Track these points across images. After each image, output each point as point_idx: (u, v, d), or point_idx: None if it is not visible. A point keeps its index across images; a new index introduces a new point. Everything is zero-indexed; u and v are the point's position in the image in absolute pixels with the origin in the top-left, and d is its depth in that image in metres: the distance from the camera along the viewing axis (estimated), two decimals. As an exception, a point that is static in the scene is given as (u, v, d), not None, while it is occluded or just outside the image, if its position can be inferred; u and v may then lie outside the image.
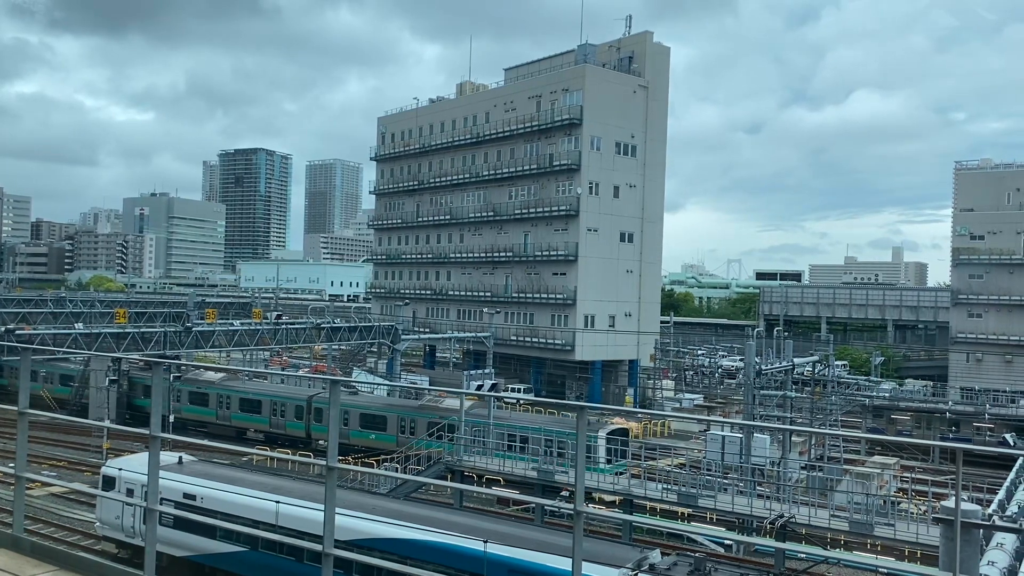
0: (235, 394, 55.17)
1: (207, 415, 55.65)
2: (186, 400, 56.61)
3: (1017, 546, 13.78)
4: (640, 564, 20.63)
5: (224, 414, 55.24)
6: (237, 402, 54.84)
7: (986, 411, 57.28)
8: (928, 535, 24.77)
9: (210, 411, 55.61)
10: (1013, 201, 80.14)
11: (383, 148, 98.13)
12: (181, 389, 56.58)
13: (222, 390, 55.84)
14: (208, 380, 57.05)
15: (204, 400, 56.04)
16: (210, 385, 56.47)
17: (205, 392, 56.20)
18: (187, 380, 57.33)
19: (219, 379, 56.70)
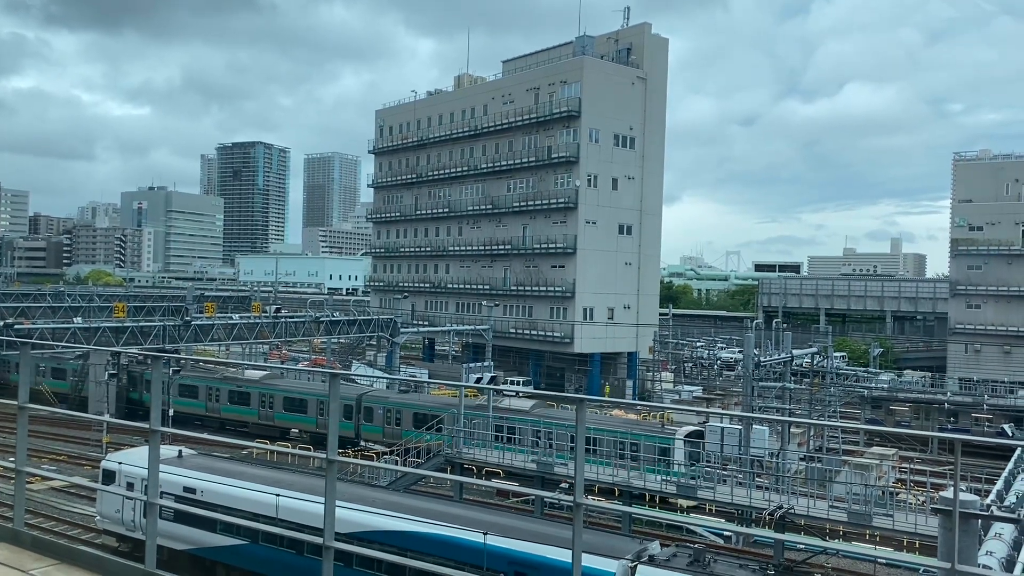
0: (279, 393, 53.38)
1: (249, 415, 54.23)
2: (226, 400, 55.25)
3: (1015, 536, 13.82)
4: (640, 555, 20.68)
5: (267, 414, 53.57)
6: (281, 401, 53.06)
7: (984, 402, 57.40)
8: (927, 526, 24.83)
9: (252, 411, 54.12)
10: (1012, 192, 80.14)
11: (381, 141, 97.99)
12: (220, 388, 55.47)
13: (265, 389, 54.09)
14: (250, 379, 55.61)
15: (246, 399, 54.51)
16: (252, 384, 54.89)
17: (247, 391, 54.60)
18: (228, 379, 56.18)
19: (261, 377, 55.20)
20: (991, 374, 71.73)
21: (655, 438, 36.82)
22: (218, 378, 56.82)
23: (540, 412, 42.20)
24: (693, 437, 38.27)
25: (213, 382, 56.46)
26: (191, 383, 57.02)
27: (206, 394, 56.22)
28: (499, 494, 39.80)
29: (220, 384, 55.98)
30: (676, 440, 37.56)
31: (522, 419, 38.39)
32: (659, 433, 38.30)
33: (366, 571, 22.99)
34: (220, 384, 55.98)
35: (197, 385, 56.80)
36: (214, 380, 56.66)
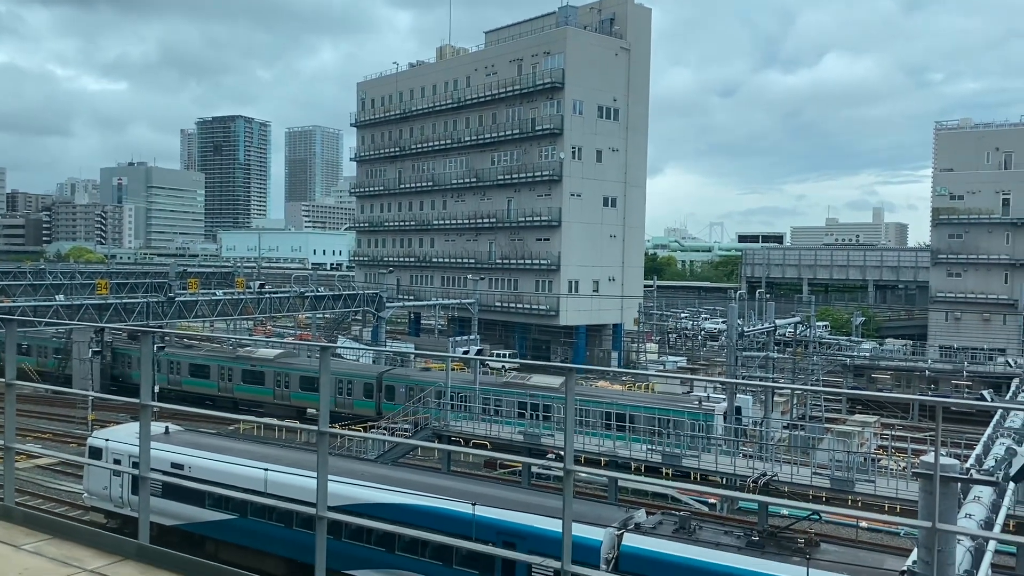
0: (295, 372, 51.80)
1: (263, 394, 52.58)
2: (239, 379, 53.93)
3: (994, 499, 14.11)
4: (626, 523, 20.95)
5: (282, 393, 51.99)
6: (297, 380, 51.45)
7: (964, 369, 58.18)
8: (908, 490, 25.29)
9: (267, 390, 52.57)
10: (992, 160, 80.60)
11: (363, 114, 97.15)
12: (234, 368, 54.14)
13: (280, 368, 52.55)
14: (264, 358, 53.90)
15: (260, 379, 53.07)
16: (267, 363, 53.28)
17: (261, 370, 53.06)
18: (241, 358, 54.62)
19: (276, 356, 53.68)
20: (971, 342, 72.65)
21: (694, 414, 35.76)
22: (231, 357, 55.28)
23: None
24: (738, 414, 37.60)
25: (225, 361, 54.97)
26: (203, 362, 55.73)
27: (218, 374, 54.79)
28: (486, 465, 40.10)
29: (233, 363, 54.38)
30: (716, 416, 36.71)
31: (553, 396, 37.48)
32: (697, 409, 37.24)
33: (355, 543, 23.18)
34: (233, 363, 54.38)
35: (209, 365, 55.43)
36: (226, 359, 55.15)
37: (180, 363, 56.71)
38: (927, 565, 6.74)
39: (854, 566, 18.03)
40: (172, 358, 57.40)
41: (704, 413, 36.64)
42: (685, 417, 35.81)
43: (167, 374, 56.73)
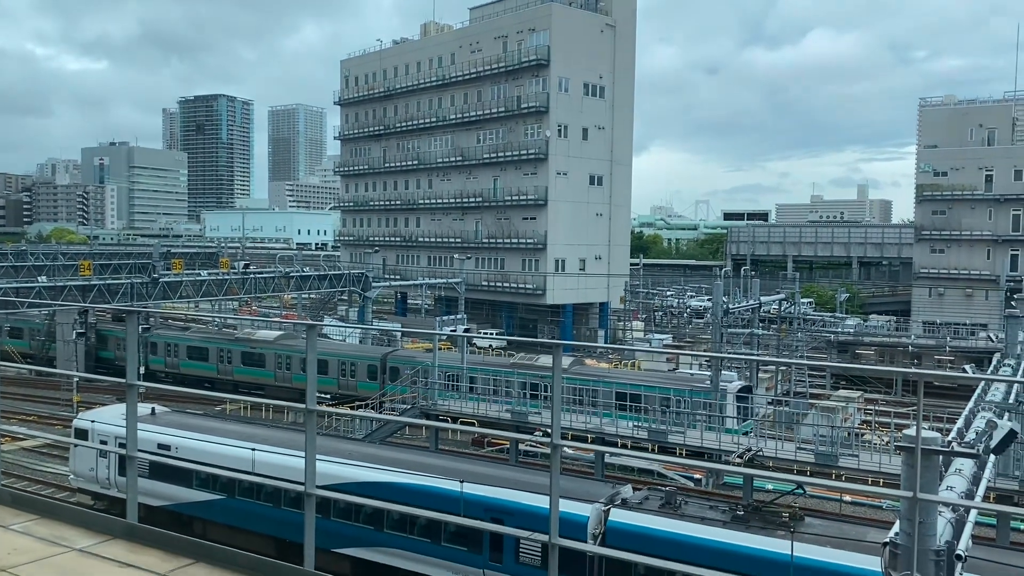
0: (296, 354, 50.68)
1: (264, 377, 51.65)
2: (239, 362, 53.07)
3: (974, 471, 14.31)
4: (613, 499, 21.13)
5: (284, 375, 51.09)
6: (299, 362, 50.29)
7: (947, 344, 58.74)
8: (891, 464, 25.61)
9: (268, 373, 51.64)
10: (976, 137, 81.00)
11: (347, 92, 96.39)
12: (233, 350, 53.24)
13: (281, 350, 51.48)
14: (263, 340, 52.83)
15: (260, 361, 52.08)
16: (267, 345, 52.21)
17: (261, 352, 52.07)
18: (240, 340, 53.74)
19: (276, 338, 52.81)
20: (954, 317, 73.33)
21: (706, 394, 35.20)
22: (230, 339, 54.48)
23: (577, 370, 40.73)
24: (743, 392, 37.33)
25: (224, 343, 54.13)
26: (201, 345, 54.88)
27: (217, 356, 54.02)
28: (474, 443, 40.29)
29: (232, 345, 53.57)
30: (728, 395, 36.14)
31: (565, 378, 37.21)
32: (710, 388, 36.71)
33: (343, 522, 23.29)
34: (232, 345, 53.57)
35: (207, 347, 54.58)
36: (225, 342, 54.31)
37: (177, 345, 55.85)
38: (909, 536, 6.83)
39: (838, 539, 18.28)
40: (169, 340, 56.67)
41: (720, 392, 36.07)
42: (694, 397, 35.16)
43: (164, 357, 56.05)
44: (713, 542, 18.78)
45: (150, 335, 57.34)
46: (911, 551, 6.32)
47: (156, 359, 56.34)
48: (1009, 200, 76.40)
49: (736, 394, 36.58)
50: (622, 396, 34.39)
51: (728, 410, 34.62)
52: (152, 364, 56.20)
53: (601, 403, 33.47)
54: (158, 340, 56.86)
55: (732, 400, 35.79)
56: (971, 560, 11.25)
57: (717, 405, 33.75)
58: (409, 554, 22.48)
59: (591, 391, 34.49)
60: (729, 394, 36.21)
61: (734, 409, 34.94)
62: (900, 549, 7.20)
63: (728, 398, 35.80)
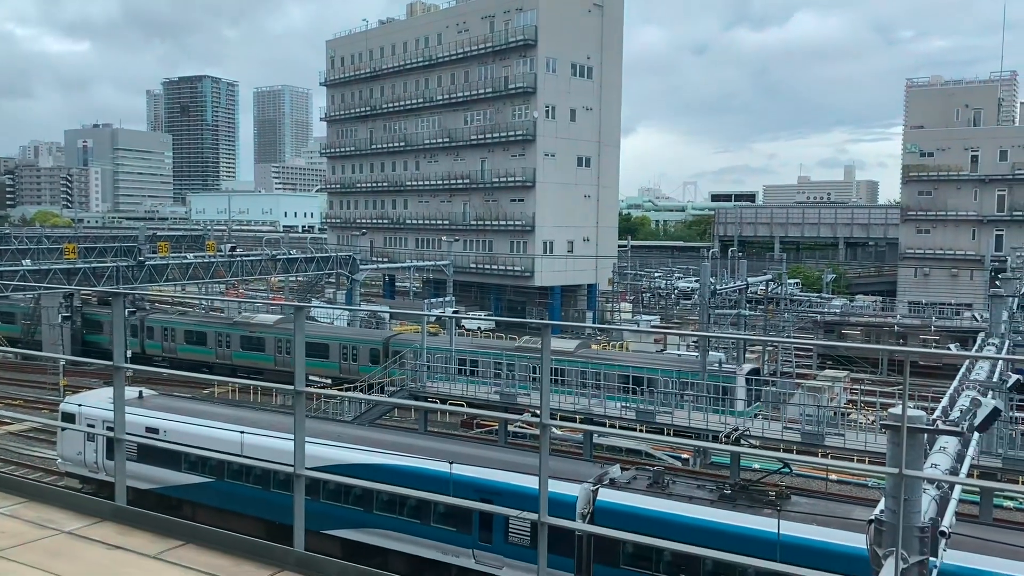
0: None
1: (264, 361, 51.02)
2: (238, 346, 52.48)
3: (959, 449, 14.45)
4: (601, 479, 21.26)
5: (284, 359, 50.23)
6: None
7: (932, 324, 59.18)
8: (876, 443, 25.86)
9: (267, 357, 50.98)
10: (962, 117, 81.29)
11: (333, 73, 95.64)
12: (232, 334, 52.53)
13: (281, 334, 50.80)
14: (263, 324, 52.04)
15: (259, 345, 51.30)
16: (266, 329, 51.44)
17: (260, 336, 51.28)
18: (239, 324, 53.09)
19: (275, 322, 52.06)
20: (939, 297, 73.88)
21: (716, 377, 34.69)
22: (228, 323, 53.90)
23: (583, 353, 40.26)
24: (752, 375, 36.92)
25: (223, 328, 53.46)
26: (198, 329, 54.23)
27: (215, 340, 53.33)
28: (463, 425, 40.41)
29: (231, 329, 52.86)
30: (737, 378, 35.73)
31: (568, 361, 36.92)
32: (719, 372, 36.23)
33: (333, 503, 23.33)
34: (231, 329, 52.86)
35: (205, 331, 53.94)
36: (224, 326, 53.66)
37: (175, 330, 55.09)
38: (894, 513, 6.90)
39: (824, 516, 18.47)
40: (166, 325, 55.94)
41: (725, 376, 35.74)
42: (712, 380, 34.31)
43: (160, 341, 55.38)
44: (700, 521, 18.94)
45: (147, 319, 56.69)
46: (896, 528, 6.39)
47: (153, 344, 55.70)
48: (994, 180, 76.82)
49: (746, 376, 36.17)
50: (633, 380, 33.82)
51: (738, 393, 34.22)
52: (149, 349, 55.66)
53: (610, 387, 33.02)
54: (155, 324, 56.16)
55: (742, 383, 35.36)
56: (955, 536, 11.40)
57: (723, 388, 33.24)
58: (399, 535, 22.58)
59: (598, 375, 34.12)
60: (739, 376, 35.78)
61: (744, 392, 34.52)
62: (885, 526, 7.28)
63: (738, 380, 35.36)
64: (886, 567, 6.16)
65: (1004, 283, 35.24)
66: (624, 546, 19.67)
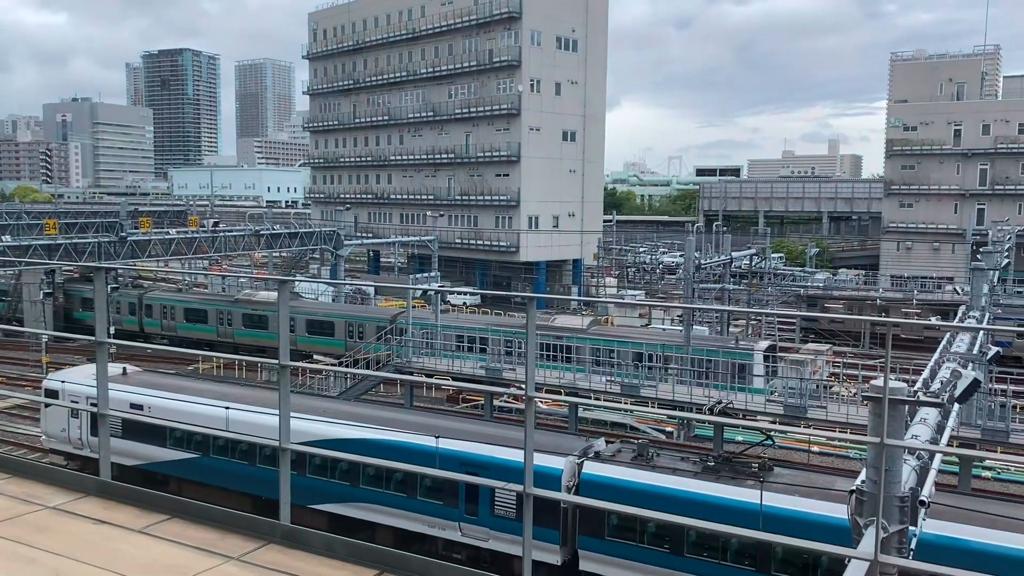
0: (302, 316, 49.13)
1: (267, 339, 49.67)
2: (240, 324, 51.51)
3: (939, 420, 14.65)
4: (586, 452, 21.42)
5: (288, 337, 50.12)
6: (304, 324, 48.84)
7: (914, 297, 59.67)
8: (858, 415, 26.17)
9: (272, 335, 49.56)
10: (946, 91, 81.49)
11: (315, 45, 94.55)
12: (233, 312, 51.71)
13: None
14: (266, 301, 50.97)
15: (262, 323, 50.34)
16: (269, 307, 50.49)
17: (263, 314, 50.38)
18: (241, 302, 52.12)
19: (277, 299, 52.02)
20: (921, 270, 74.46)
21: (733, 354, 34.26)
22: (229, 301, 53.13)
23: (598, 331, 39.61)
24: (770, 352, 36.39)
25: (224, 305, 52.76)
26: (199, 307, 53.48)
27: (216, 318, 52.57)
28: (449, 400, 40.54)
29: (232, 307, 52.10)
30: (756, 355, 35.01)
31: (580, 338, 36.59)
32: (736, 349, 35.68)
33: (319, 478, 23.40)
34: (232, 307, 52.10)
35: (206, 309, 53.15)
36: (225, 303, 52.93)
37: (174, 308, 54.26)
38: (875, 483, 6.99)
39: (806, 487, 18.71)
40: (165, 302, 55.08)
41: (743, 353, 35.19)
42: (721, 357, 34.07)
43: (159, 319, 54.53)
44: (684, 492, 19.15)
45: (145, 297, 55.80)
46: (877, 497, 6.47)
47: (151, 322, 54.74)
48: (977, 154, 77.21)
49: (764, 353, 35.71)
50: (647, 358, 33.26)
51: (757, 370, 33.70)
52: (147, 327, 54.78)
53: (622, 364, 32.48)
54: (153, 302, 55.25)
55: (760, 360, 34.75)
56: (934, 505, 11.58)
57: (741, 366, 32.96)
58: (385, 509, 22.69)
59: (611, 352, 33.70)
60: (757, 353, 35.25)
61: (762, 369, 33.95)
62: (866, 496, 7.37)
63: (756, 357, 34.76)
64: (866, 536, 6.25)
65: (985, 256, 35.54)
66: (609, 517, 19.87)
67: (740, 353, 35.02)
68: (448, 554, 21.67)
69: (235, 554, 5.00)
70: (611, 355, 33.33)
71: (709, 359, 32.26)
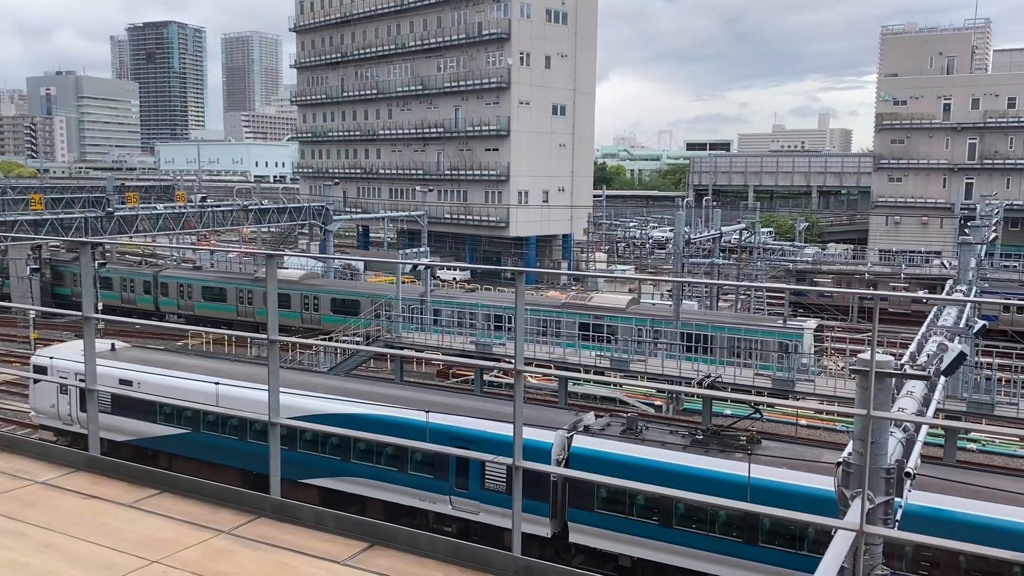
0: (325, 294, 48.72)
1: (290, 318, 48.95)
2: (260, 302, 50.35)
3: (925, 393, 14.77)
4: (576, 426, 21.54)
5: (312, 317, 48.79)
6: (328, 303, 48.26)
7: (902, 271, 59.99)
8: (845, 388, 26.38)
9: (294, 314, 49.12)
10: (936, 65, 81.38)
11: (302, 18, 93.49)
12: (254, 291, 50.62)
13: (307, 289, 49.40)
14: (288, 280, 50.08)
15: (285, 302, 49.10)
16: (293, 285, 49.81)
17: (286, 293, 49.32)
18: (260, 280, 51.16)
19: (301, 278, 50.63)
20: (909, 245, 74.85)
21: (782, 334, 33.41)
22: (249, 279, 52.32)
23: (635, 310, 38.71)
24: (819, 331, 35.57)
25: (244, 284, 51.86)
26: (218, 285, 52.48)
27: (236, 297, 51.57)
28: (439, 375, 40.62)
29: (252, 286, 51.26)
30: (806, 334, 34.04)
31: (620, 317, 36.00)
32: (784, 329, 34.58)
33: (310, 453, 23.48)
34: (252, 286, 51.26)
35: (225, 287, 52.13)
36: (245, 282, 52.05)
37: (192, 286, 53.29)
38: (861, 455, 7.06)
39: (794, 460, 18.89)
40: (182, 280, 54.13)
41: (792, 333, 34.09)
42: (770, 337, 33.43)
43: (176, 298, 53.62)
44: (673, 466, 19.30)
45: (161, 275, 54.76)
46: (863, 469, 6.53)
47: (167, 300, 53.78)
48: (966, 128, 77.30)
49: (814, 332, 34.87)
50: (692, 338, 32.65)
51: (807, 349, 32.87)
52: (163, 306, 53.87)
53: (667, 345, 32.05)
54: (169, 280, 54.27)
55: (810, 339, 34.06)
56: (920, 477, 11.71)
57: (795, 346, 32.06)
58: (376, 483, 22.81)
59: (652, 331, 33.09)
60: (807, 332, 34.31)
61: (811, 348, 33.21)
62: (852, 468, 7.45)
63: (806, 337, 33.94)
64: (852, 507, 6.32)
65: (973, 231, 35.69)
66: (598, 490, 20.03)
67: (789, 333, 34.06)
68: (439, 527, 21.82)
69: (225, 528, 5.02)
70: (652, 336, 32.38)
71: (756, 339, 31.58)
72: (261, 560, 4.62)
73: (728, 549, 18.70)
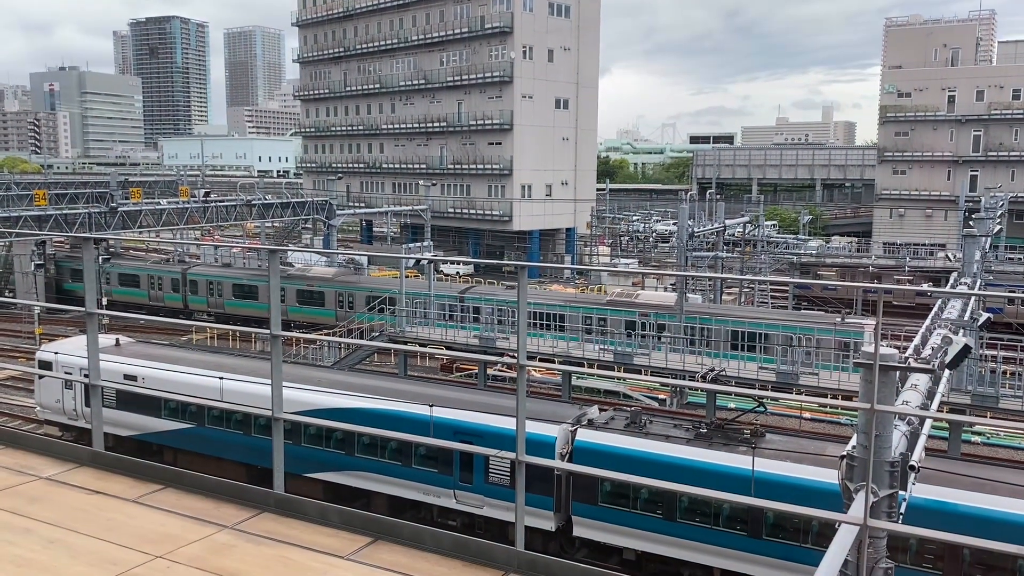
0: (359, 291, 47.86)
1: (324, 316, 48.60)
2: (294, 300, 49.98)
3: (929, 386, 14.74)
4: (580, 420, 21.54)
5: (346, 315, 47.54)
6: (363, 300, 47.26)
7: (906, 264, 59.83)
8: (850, 382, 26.36)
9: (328, 311, 48.66)
10: (940, 57, 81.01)
11: (305, 12, 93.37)
12: (287, 288, 49.91)
13: (342, 287, 48.78)
14: (321, 277, 50.02)
15: (318, 300, 49.33)
16: (325, 282, 49.55)
17: (320, 290, 49.37)
18: (295, 277, 50.73)
19: (334, 275, 50.06)
20: (913, 237, 74.61)
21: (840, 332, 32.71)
22: (283, 276, 51.34)
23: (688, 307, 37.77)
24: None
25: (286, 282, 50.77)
26: (249, 283, 52.01)
27: (267, 295, 51.06)
28: (443, 369, 40.65)
29: (286, 283, 50.48)
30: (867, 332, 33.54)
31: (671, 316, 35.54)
32: (842, 327, 33.86)
33: (314, 447, 23.52)
34: (286, 283, 50.48)
35: (256, 285, 51.59)
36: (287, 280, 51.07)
37: (221, 283, 52.83)
38: (865, 449, 7.05)
39: (797, 453, 18.87)
40: (212, 278, 53.57)
41: (854, 331, 33.26)
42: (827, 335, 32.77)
43: (206, 296, 53.12)
44: (677, 459, 19.29)
45: (189, 273, 54.23)
46: (867, 462, 6.53)
47: (197, 298, 53.25)
48: (970, 120, 76.98)
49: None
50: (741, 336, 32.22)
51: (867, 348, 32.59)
52: (192, 303, 53.33)
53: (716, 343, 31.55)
54: (198, 278, 53.71)
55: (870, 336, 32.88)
56: (924, 470, 11.70)
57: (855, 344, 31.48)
58: (380, 477, 22.84)
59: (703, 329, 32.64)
60: (867, 330, 33.95)
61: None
62: (856, 461, 7.43)
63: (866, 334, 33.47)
64: (856, 501, 6.31)
65: (977, 223, 35.59)
66: (602, 484, 20.04)
67: (849, 331, 33.51)
68: (443, 521, 21.85)
69: (229, 523, 5.03)
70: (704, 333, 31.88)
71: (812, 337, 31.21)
72: (265, 555, 4.63)
73: (732, 542, 18.71)
